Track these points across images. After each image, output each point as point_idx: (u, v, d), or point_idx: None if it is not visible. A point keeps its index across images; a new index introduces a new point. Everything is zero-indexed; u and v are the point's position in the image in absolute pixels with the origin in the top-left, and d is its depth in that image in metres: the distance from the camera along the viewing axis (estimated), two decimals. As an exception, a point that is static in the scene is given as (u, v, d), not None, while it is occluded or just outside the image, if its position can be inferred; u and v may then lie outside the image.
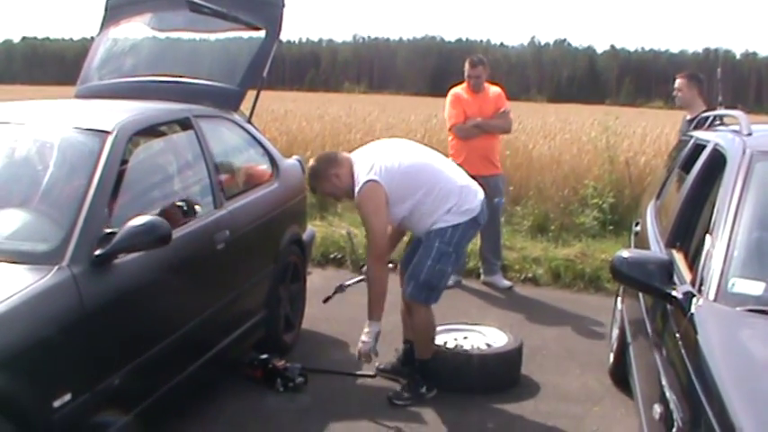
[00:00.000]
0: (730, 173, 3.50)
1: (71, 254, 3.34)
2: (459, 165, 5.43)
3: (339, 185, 4.91)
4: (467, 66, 7.35)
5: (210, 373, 4.64)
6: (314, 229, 6.95)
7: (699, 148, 4.71)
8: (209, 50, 6.43)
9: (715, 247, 3.11)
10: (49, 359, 3.09)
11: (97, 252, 3.43)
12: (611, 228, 9.22)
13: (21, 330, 2.99)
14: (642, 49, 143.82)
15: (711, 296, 2.91)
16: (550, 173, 10.60)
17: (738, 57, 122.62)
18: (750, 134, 3.84)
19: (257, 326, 5.17)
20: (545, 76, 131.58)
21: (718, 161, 3.92)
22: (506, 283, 7.68)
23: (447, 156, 7.35)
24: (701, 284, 3.01)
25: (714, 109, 5.81)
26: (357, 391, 5.15)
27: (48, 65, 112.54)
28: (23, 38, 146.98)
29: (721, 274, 2.98)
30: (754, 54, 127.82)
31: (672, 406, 2.70)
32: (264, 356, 5.11)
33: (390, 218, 4.87)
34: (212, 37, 6.34)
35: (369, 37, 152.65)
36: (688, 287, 3.08)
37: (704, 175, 4.12)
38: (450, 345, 5.26)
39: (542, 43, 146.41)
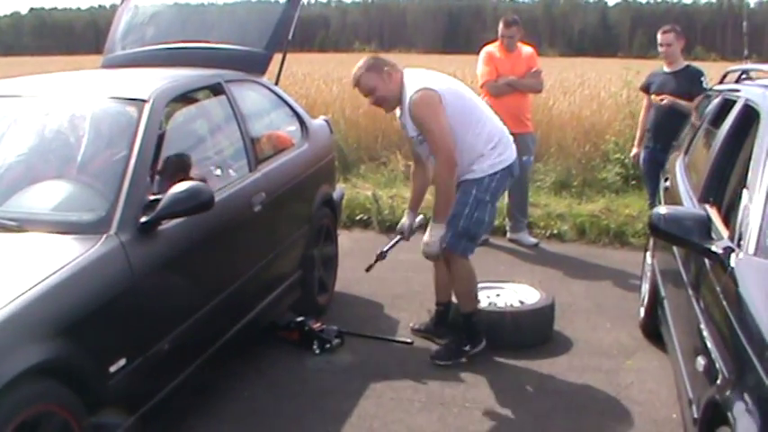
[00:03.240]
0: (765, 127, 3.53)
1: (118, 222, 3.41)
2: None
3: (388, 86, 4.78)
4: (501, 25, 7.39)
5: (251, 335, 4.73)
6: (343, 188, 6.99)
7: (728, 103, 4.73)
8: (233, 15, 6.49)
9: (753, 202, 3.16)
10: (103, 326, 3.17)
11: (143, 219, 3.50)
12: (633, 183, 9.26)
13: (76, 299, 3.06)
14: (654, 0, 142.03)
15: (751, 250, 2.97)
16: (571, 129, 10.62)
17: (752, 5, 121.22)
18: (783, 88, 3.86)
19: (293, 287, 5.25)
20: (556, 31, 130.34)
21: (750, 116, 3.95)
22: (533, 240, 7.73)
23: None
24: (739, 239, 3.06)
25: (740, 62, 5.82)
26: (394, 351, 5.20)
27: (56, 35, 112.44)
28: (31, 9, 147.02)
29: (760, 228, 3.03)
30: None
31: (715, 357, 2.77)
32: (300, 319, 5.18)
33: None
34: (236, 2, 6.36)
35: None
36: (727, 242, 3.14)
37: (736, 131, 4.15)
38: (484, 303, 5.31)
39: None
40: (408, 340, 5.25)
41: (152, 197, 3.62)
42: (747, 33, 6.18)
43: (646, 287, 5.50)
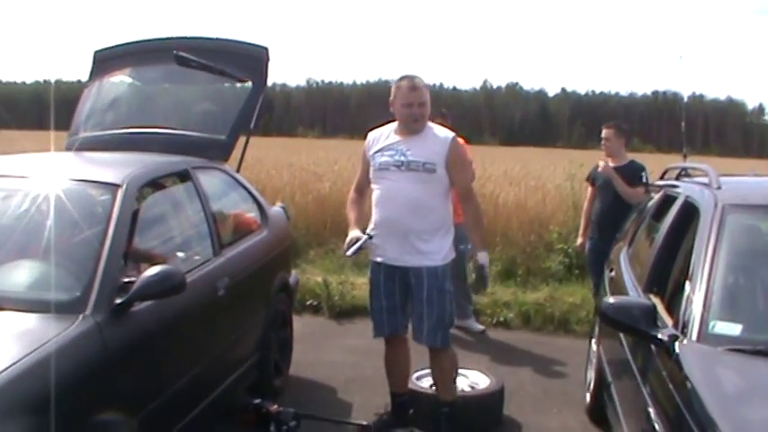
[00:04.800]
0: (704, 224, 3.81)
1: (93, 303, 3.52)
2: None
3: (428, 106, 4.95)
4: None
5: (211, 417, 4.80)
6: (297, 273, 7.15)
7: (669, 198, 5.04)
8: (197, 101, 6.60)
9: (695, 293, 3.42)
10: (76, 405, 3.25)
11: (117, 301, 3.62)
12: (576, 272, 9.52)
13: (53, 376, 3.13)
14: (593, 92, 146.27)
15: (694, 337, 3.21)
16: (516, 219, 10.91)
17: (686, 99, 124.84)
18: (720, 188, 4.15)
19: (251, 369, 5.35)
20: (497, 120, 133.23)
21: (690, 212, 4.24)
22: (480, 326, 7.92)
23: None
24: (683, 327, 3.30)
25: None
26: (349, 435, 5.28)
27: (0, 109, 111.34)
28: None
29: (702, 317, 3.29)
30: (701, 96, 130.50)
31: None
32: (257, 401, 5.23)
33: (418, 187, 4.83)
34: (200, 88, 6.53)
35: (322, 81, 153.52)
36: (672, 329, 3.37)
37: (677, 225, 4.43)
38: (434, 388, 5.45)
39: (494, 86, 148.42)
40: (364, 423, 5.33)
41: (126, 279, 3.74)
42: (685, 132, 6.54)
43: (591, 373, 5.71)
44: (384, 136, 5.04)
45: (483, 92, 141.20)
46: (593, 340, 5.90)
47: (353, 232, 4.98)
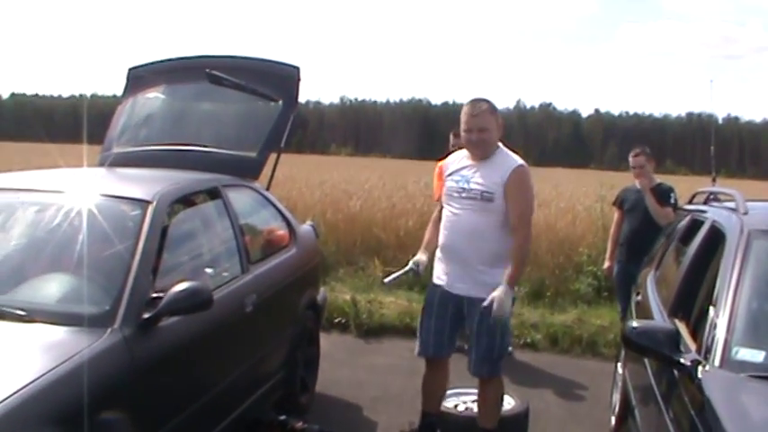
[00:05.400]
0: (730, 250, 3.80)
1: (122, 317, 3.59)
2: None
3: (495, 134, 4.90)
4: (451, 137, 7.40)
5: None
6: (325, 291, 7.18)
7: (696, 223, 5.04)
8: (228, 120, 6.69)
9: (719, 318, 3.41)
10: (102, 419, 3.28)
11: (145, 315, 3.68)
12: (605, 294, 9.51)
13: (81, 389, 3.19)
14: (626, 113, 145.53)
15: (717, 363, 3.21)
16: (546, 240, 10.91)
17: (720, 121, 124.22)
18: (746, 213, 4.15)
19: (277, 386, 5.39)
20: (531, 140, 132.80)
21: (716, 237, 4.23)
22: (507, 348, 7.90)
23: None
24: (706, 352, 3.30)
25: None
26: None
27: (36, 122, 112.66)
28: (12, 94, 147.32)
29: (725, 343, 3.28)
30: (736, 119, 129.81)
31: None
32: (283, 417, 5.29)
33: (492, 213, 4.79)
34: (231, 107, 6.61)
35: (356, 99, 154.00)
36: (694, 355, 3.37)
37: (703, 250, 4.42)
38: (461, 408, 5.47)
39: (528, 107, 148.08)
40: None
41: (154, 294, 3.80)
42: (715, 156, 6.54)
43: (617, 396, 5.70)
44: (458, 160, 5.07)
45: (516, 112, 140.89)
46: (620, 363, 5.89)
47: (417, 257, 5.13)
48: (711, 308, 3.54)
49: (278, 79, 6.27)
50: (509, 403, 5.62)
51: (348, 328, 8.50)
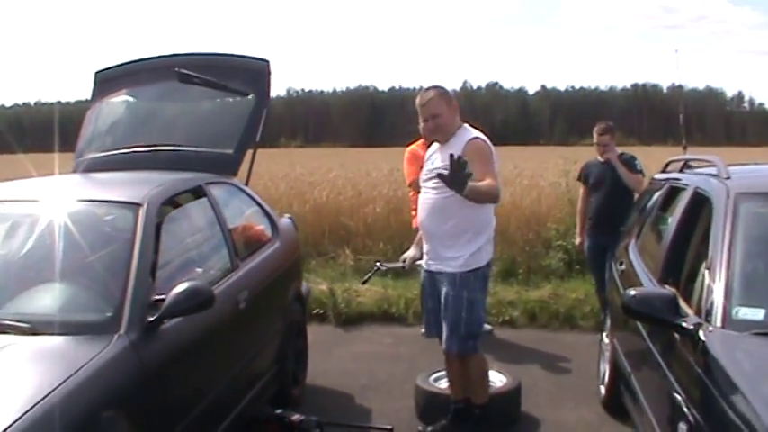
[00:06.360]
0: (718, 214, 3.90)
1: (127, 322, 3.57)
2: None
3: (451, 117, 4.97)
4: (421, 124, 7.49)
5: (234, 430, 4.85)
6: (308, 283, 7.20)
7: (675, 190, 5.14)
8: (202, 118, 6.64)
9: (715, 281, 3.51)
10: (116, 425, 3.27)
11: (149, 318, 3.67)
12: (577, 267, 9.62)
13: (95, 398, 3.18)
14: (572, 87, 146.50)
15: (719, 323, 3.31)
16: (513, 218, 11.01)
17: (665, 90, 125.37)
18: (729, 178, 4.25)
19: (272, 380, 5.41)
20: (479, 120, 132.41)
21: (701, 203, 4.34)
22: (487, 326, 7.99)
23: (410, 209, 7.67)
24: (707, 314, 3.39)
25: None
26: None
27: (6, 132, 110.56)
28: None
29: (725, 303, 3.38)
30: (680, 87, 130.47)
31: (698, 421, 3.04)
32: (279, 411, 5.28)
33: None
34: (203, 104, 6.59)
35: (302, 90, 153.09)
36: (695, 318, 3.46)
37: (688, 217, 4.52)
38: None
39: (475, 87, 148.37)
40: (388, 427, 5.39)
41: (155, 297, 3.80)
42: (684, 124, 6.66)
43: (604, 366, 5.80)
44: (432, 148, 5.20)
45: (463, 92, 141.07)
46: (605, 334, 5.99)
47: (407, 254, 5.48)
48: (706, 272, 3.63)
49: (248, 74, 6.26)
50: (501, 380, 5.71)
51: (327, 319, 8.51)
